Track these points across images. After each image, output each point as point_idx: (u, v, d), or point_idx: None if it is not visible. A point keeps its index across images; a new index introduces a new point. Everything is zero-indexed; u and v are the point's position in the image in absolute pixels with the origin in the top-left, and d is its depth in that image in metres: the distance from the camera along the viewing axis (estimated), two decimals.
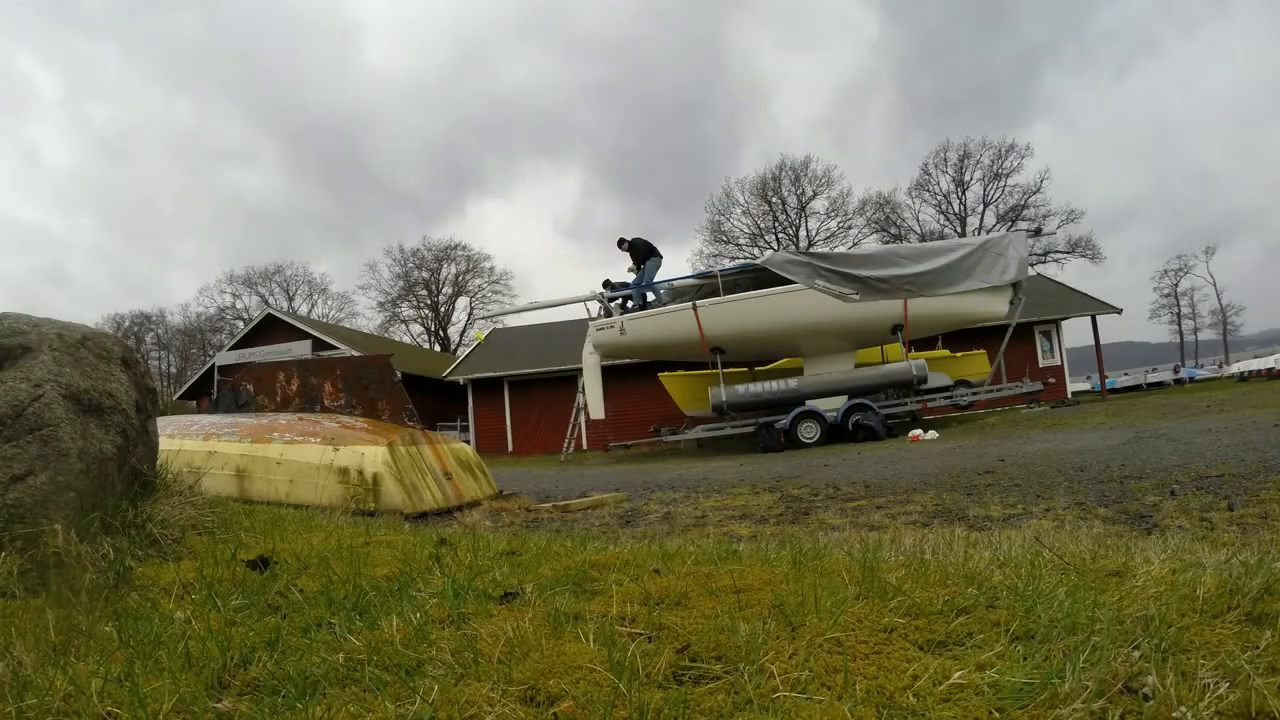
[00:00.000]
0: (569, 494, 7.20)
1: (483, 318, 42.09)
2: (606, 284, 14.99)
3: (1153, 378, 36.52)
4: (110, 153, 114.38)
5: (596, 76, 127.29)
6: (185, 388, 28.58)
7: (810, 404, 13.32)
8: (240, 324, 43.75)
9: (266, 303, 47.10)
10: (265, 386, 6.65)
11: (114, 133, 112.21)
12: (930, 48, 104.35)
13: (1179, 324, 55.37)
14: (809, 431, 13.04)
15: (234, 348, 26.82)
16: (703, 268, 34.74)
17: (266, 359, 17.82)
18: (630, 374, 19.65)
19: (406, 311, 49.80)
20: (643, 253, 14.55)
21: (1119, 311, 19.90)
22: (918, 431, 12.21)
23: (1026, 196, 40.94)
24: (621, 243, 14.90)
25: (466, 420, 22.80)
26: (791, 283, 13.07)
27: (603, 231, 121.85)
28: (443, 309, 49.93)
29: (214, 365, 24.42)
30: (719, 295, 13.79)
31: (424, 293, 49.77)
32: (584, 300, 15.06)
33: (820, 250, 25.88)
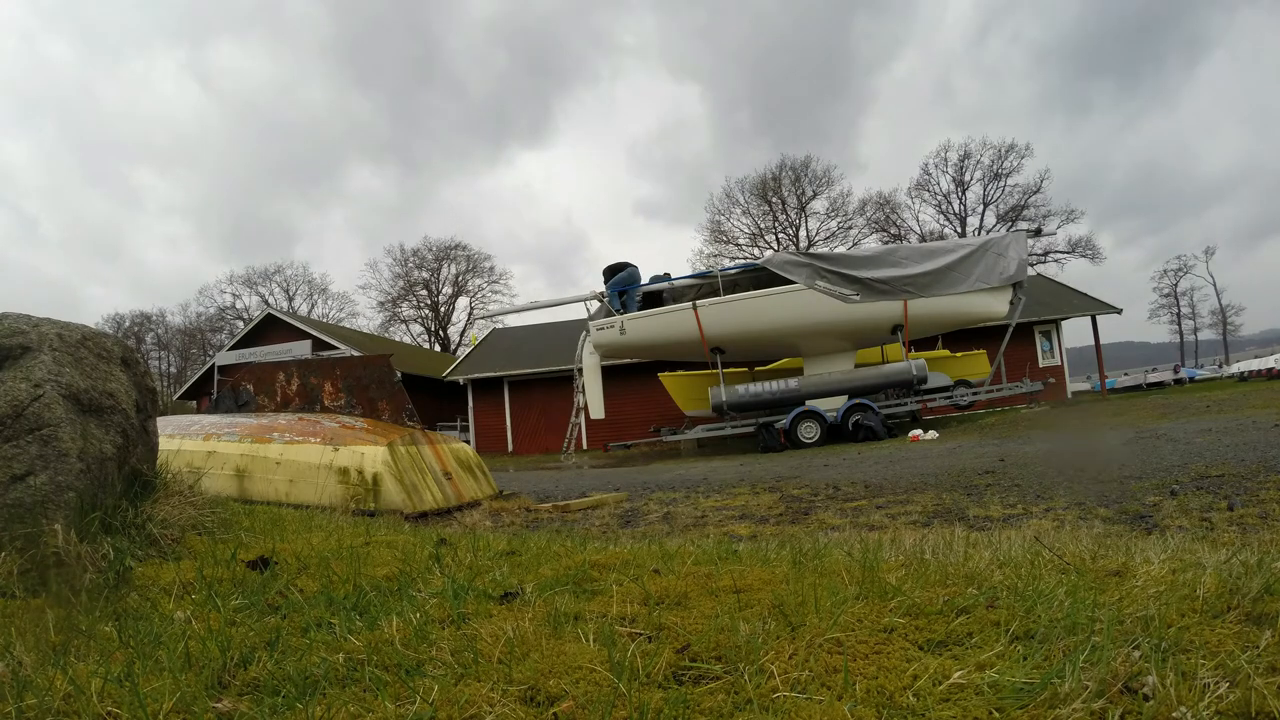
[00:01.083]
0: (569, 494, 7.20)
1: (483, 317, 42.08)
2: (607, 272, 14.87)
3: (1153, 378, 36.53)
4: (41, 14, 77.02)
5: None
6: (185, 388, 28.58)
7: (810, 404, 13.32)
8: (240, 324, 43.78)
9: (266, 303, 47.14)
10: (265, 386, 6.65)
11: None
12: None
13: (1179, 324, 55.42)
14: (809, 431, 13.03)
15: (234, 348, 26.82)
16: (703, 268, 34.77)
17: (266, 359, 17.85)
18: (630, 374, 19.65)
19: (406, 311, 49.85)
20: (611, 279, 14.50)
21: (1119, 311, 19.91)
22: (918, 431, 12.21)
23: (1026, 196, 40.99)
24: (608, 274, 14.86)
25: (466, 420, 22.79)
26: (791, 283, 13.08)
27: (696, 168, 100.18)
28: (443, 309, 49.96)
29: (214, 365, 24.46)
30: (719, 295, 13.80)
31: (424, 293, 49.79)
32: (584, 300, 15.07)
33: (821, 251, 25.89)
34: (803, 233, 43.35)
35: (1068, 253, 40.64)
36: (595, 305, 14.82)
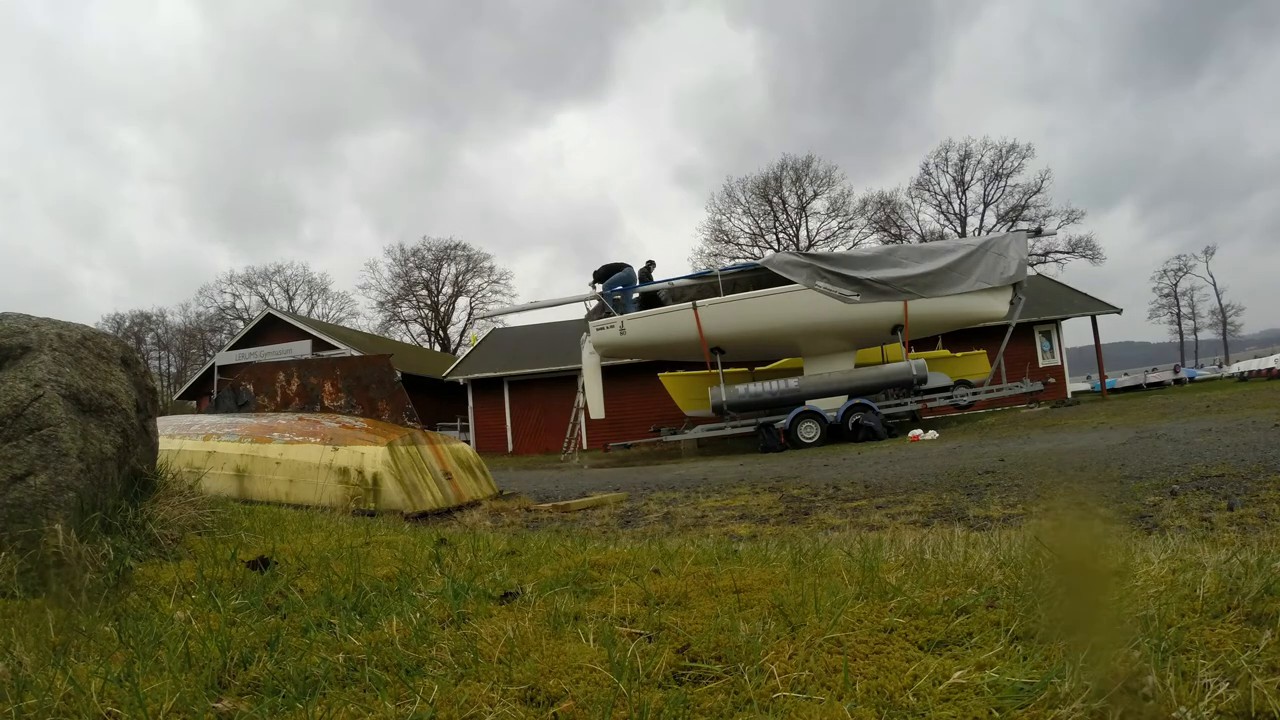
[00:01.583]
0: (569, 494, 7.20)
1: (483, 317, 42.09)
2: (597, 276, 14.89)
3: (1153, 378, 36.49)
4: None
5: None
6: (185, 388, 28.58)
7: (810, 404, 13.32)
8: (240, 324, 43.78)
9: (266, 303, 47.14)
10: (265, 386, 6.64)
11: None
12: None
13: (1179, 324, 55.43)
14: (809, 431, 13.03)
15: (234, 348, 26.81)
16: (703, 268, 34.76)
17: (266, 359, 17.85)
18: (630, 374, 19.65)
19: (406, 311, 49.85)
20: (606, 279, 14.51)
21: (1119, 311, 19.91)
22: (918, 431, 12.21)
23: (1027, 196, 40.98)
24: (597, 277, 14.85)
25: (466, 420, 22.79)
26: (791, 282, 13.08)
27: (752, 128, 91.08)
28: (443, 309, 49.96)
29: (214, 365, 24.46)
30: (719, 295, 13.80)
31: (424, 293, 49.80)
32: (584, 300, 15.07)
33: (821, 251, 25.89)
34: (803, 233, 43.35)
35: (1068, 253, 40.67)
36: (595, 305, 14.82)
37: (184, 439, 5.09)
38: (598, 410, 14.20)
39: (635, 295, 14.44)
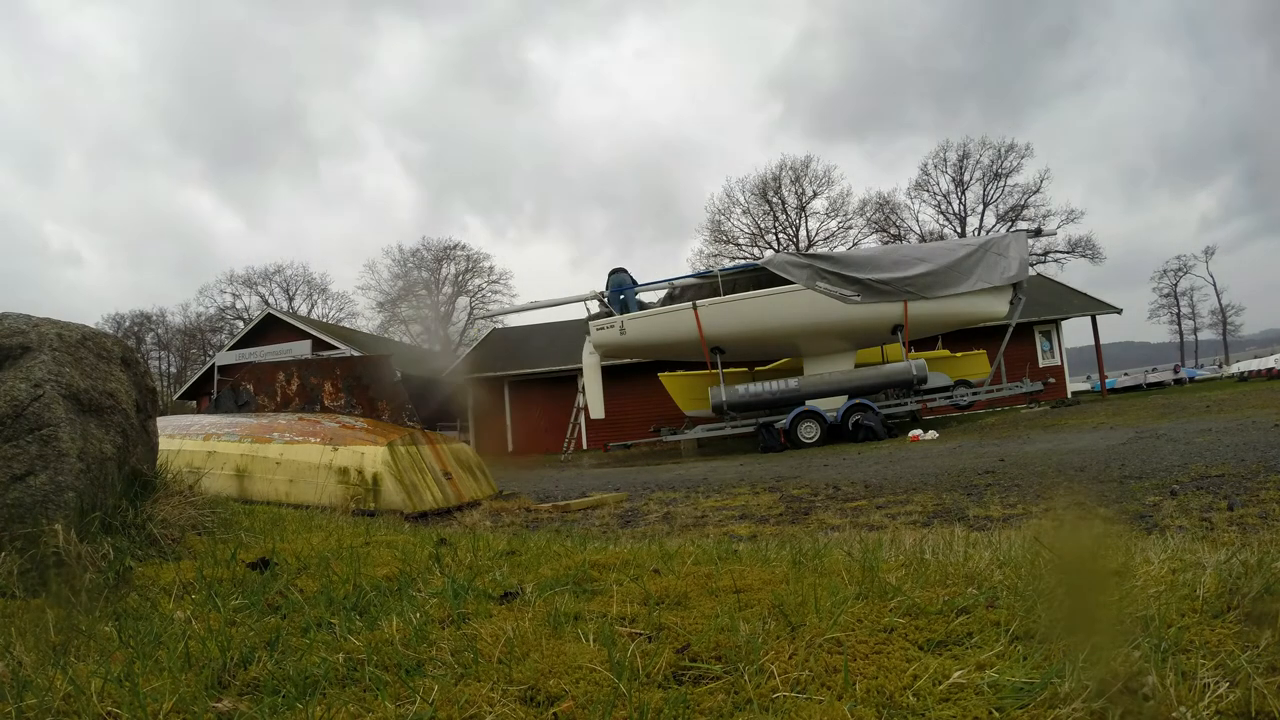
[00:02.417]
0: (569, 494, 7.20)
1: (483, 317, 42.04)
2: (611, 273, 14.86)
3: (1153, 378, 36.47)
4: None
5: None
6: (185, 388, 28.56)
7: (810, 404, 13.32)
8: (240, 324, 43.77)
9: (266, 303, 47.14)
10: (265, 386, 6.64)
11: None
12: None
13: (1179, 324, 55.39)
14: (809, 431, 13.03)
15: (234, 348, 26.78)
16: (703, 268, 34.73)
17: (266, 359, 17.82)
18: (630, 374, 19.65)
19: (406, 311, 49.81)
20: (614, 287, 14.52)
21: (1119, 311, 19.91)
22: (917, 431, 12.21)
23: (1026, 196, 40.95)
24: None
25: (466, 420, 22.79)
26: (791, 283, 13.09)
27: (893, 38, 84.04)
28: (443, 309, 49.94)
29: (214, 365, 24.43)
30: (719, 295, 13.81)
31: (424, 293, 49.77)
32: (584, 300, 15.08)
33: (821, 252, 25.88)
34: (802, 233, 43.32)
35: (1068, 253, 40.64)
36: (595, 305, 14.83)
37: (184, 439, 5.09)
38: (598, 410, 14.20)
39: (636, 295, 14.45)
